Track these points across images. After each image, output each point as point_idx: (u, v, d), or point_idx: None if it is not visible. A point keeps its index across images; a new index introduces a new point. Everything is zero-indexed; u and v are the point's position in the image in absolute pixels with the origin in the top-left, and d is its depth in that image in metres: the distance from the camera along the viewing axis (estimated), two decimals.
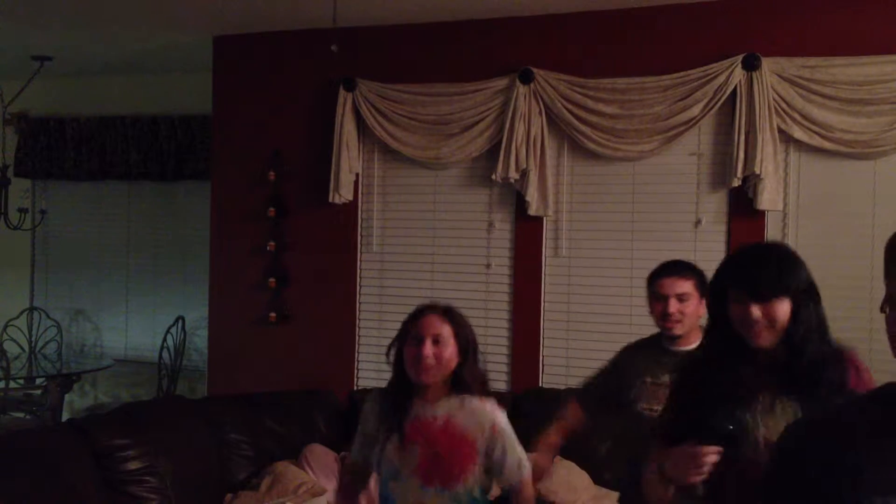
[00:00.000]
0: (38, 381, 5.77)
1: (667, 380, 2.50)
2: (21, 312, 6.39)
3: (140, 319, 6.34)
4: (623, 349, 2.94)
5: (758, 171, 3.90)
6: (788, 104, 3.95)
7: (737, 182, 3.98)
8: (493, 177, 4.35)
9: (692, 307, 2.67)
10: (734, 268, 1.89)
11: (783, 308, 1.79)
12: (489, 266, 4.54)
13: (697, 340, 2.41)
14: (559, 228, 4.41)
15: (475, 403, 2.41)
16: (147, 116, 6.08)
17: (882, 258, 1.34)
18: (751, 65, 3.96)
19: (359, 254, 4.77)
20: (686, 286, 2.68)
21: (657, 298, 2.71)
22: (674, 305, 2.66)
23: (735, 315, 1.82)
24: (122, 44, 5.32)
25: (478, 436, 2.37)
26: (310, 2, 4.21)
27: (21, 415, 5.74)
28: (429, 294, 4.40)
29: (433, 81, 4.53)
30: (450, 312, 2.44)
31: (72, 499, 3.17)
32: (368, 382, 4.59)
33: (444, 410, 2.40)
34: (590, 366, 4.10)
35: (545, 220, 4.42)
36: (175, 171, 6.03)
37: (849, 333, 3.73)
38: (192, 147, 5.96)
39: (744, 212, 4.06)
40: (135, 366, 6.25)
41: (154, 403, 4.76)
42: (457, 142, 4.48)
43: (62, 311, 6.48)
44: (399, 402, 2.41)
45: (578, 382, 3.14)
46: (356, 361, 4.78)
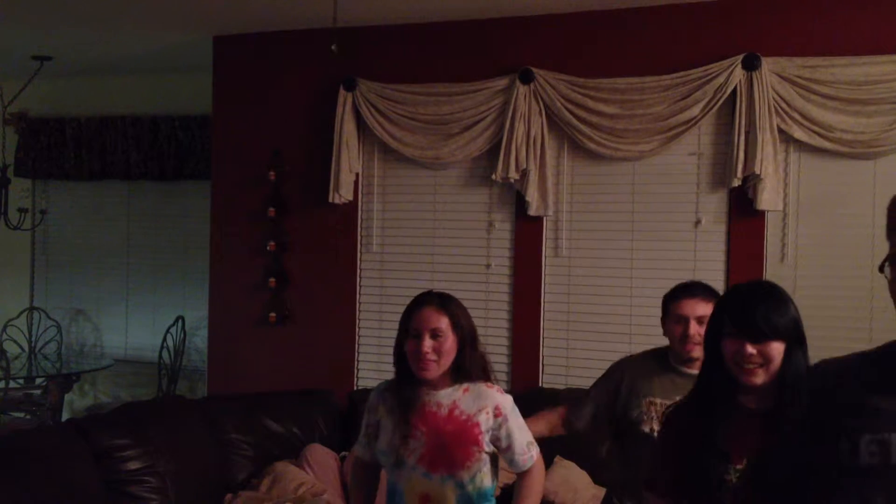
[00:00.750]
0: (38, 381, 5.79)
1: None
2: (21, 312, 6.40)
3: (140, 319, 6.34)
4: (622, 362, 2.87)
5: (758, 171, 3.90)
6: (788, 104, 3.94)
7: (737, 182, 3.98)
8: (493, 177, 4.35)
9: None
10: (732, 306, 1.92)
11: (778, 348, 1.85)
12: (489, 266, 4.54)
13: None
14: (559, 228, 4.41)
15: (480, 388, 2.43)
16: (147, 116, 6.09)
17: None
18: (751, 65, 3.96)
19: (359, 254, 4.77)
20: (707, 309, 2.55)
21: (676, 320, 2.66)
22: (694, 328, 2.61)
23: (729, 352, 1.86)
24: (122, 44, 5.32)
25: (482, 420, 2.39)
26: (310, 2, 4.21)
27: (21, 415, 5.75)
28: None
29: (433, 81, 4.52)
30: (446, 302, 2.44)
31: (72, 499, 3.17)
32: (368, 382, 4.59)
33: (449, 398, 2.42)
34: (590, 366, 4.13)
35: (545, 220, 4.42)
36: (175, 171, 6.03)
37: (849, 333, 3.77)
38: (192, 147, 5.96)
39: (744, 212, 4.06)
40: (135, 366, 6.26)
41: (154, 403, 4.75)
42: (457, 142, 4.48)
43: (62, 311, 6.49)
44: (404, 393, 2.43)
45: (573, 399, 2.98)
46: (356, 362, 4.78)
